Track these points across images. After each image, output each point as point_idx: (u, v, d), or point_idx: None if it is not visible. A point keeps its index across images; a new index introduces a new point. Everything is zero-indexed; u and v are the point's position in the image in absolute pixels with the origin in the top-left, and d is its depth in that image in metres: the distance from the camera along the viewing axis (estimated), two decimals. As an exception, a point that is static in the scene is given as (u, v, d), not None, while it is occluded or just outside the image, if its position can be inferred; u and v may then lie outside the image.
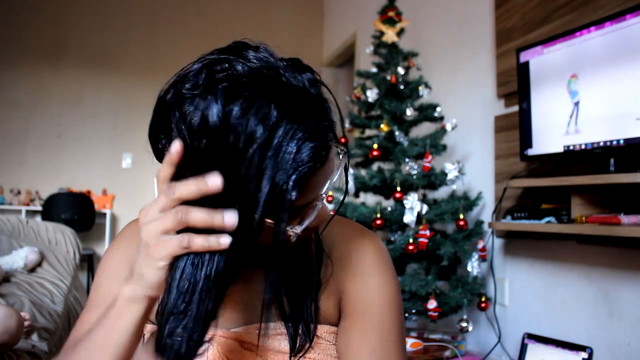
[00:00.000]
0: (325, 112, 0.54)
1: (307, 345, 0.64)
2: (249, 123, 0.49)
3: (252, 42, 0.56)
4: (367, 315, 0.67)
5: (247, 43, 0.55)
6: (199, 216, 0.50)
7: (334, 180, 0.57)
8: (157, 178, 0.52)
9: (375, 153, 2.19)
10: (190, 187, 0.50)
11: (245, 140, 0.48)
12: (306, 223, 0.56)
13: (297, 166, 0.50)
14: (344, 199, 0.65)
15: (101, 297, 0.68)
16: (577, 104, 1.68)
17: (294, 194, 0.50)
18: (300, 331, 0.64)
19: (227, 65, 0.52)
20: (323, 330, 0.67)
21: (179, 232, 0.51)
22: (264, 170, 0.49)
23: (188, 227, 0.51)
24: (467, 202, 2.13)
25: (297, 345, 0.64)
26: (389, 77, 2.27)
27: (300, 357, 0.65)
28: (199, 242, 0.50)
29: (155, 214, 0.51)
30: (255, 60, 0.52)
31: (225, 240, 0.51)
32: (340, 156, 0.57)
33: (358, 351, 0.66)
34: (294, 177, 0.49)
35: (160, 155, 0.55)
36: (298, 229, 0.56)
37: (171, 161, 0.51)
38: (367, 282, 0.68)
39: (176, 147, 0.50)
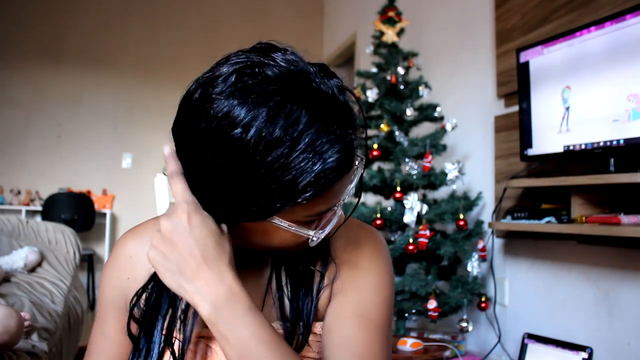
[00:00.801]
0: (352, 120, 0.54)
1: (304, 344, 0.63)
2: (277, 128, 0.49)
3: (279, 44, 0.56)
4: (349, 294, 0.65)
5: (274, 45, 0.55)
6: None
7: (352, 186, 0.57)
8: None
9: (375, 153, 2.19)
10: None
11: (272, 144, 0.49)
12: (328, 229, 0.58)
13: (324, 173, 0.50)
14: (357, 203, 0.67)
15: (102, 322, 0.71)
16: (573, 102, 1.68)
17: (316, 198, 0.51)
18: (299, 330, 0.63)
19: (257, 69, 0.51)
20: (320, 327, 0.66)
21: None
22: (287, 175, 0.49)
23: None
24: (467, 202, 2.13)
25: (296, 344, 0.63)
26: (389, 77, 2.27)
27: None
28: None
29: None
30: (284, 64, 0.52)
31: None
32: (357, 162, 0.57)
33: (330, 327, 0.63)
34: (319, 182, 0.50)
35: (181, 153, 0.55)
36: (320, 234, 0.57)
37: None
38: (355, 265, 0.67)
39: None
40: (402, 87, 2.29)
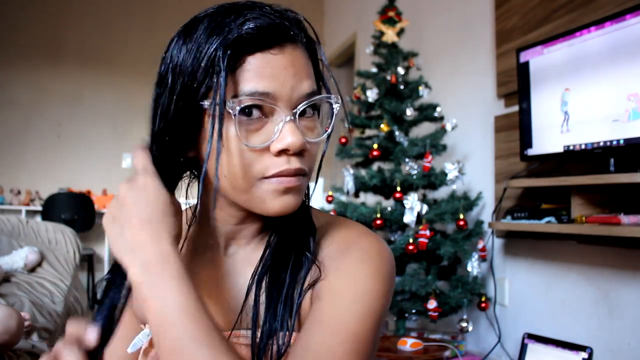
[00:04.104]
0: (286, 13, 0.60)
1: (277, 354, 0.56)
2: (207, 15, 0.57)
3: None
4: (324, 299, 0.55)
5: None
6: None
7: (306, 102, 0.57)
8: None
9: (375, 153, 2.19)
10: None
11: (199, 24, 0.56)
12: (275, 137, 0.54)
13: (236, 33, 0.53)
14: (327, 138, 0.61)
15: None
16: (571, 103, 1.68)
17: (220, 53, 0.53)
18: (274, 340, 0.56)
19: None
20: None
21: None
22: (209, 44, 0.54)
23: None
24: (467, 202, 2.13)
25: (267, 355, 0.56)
26: (389, 77, 2.27)
27: None
28: None
29: None
30: None
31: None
32: (334, 101, 0.61)
33: (295, 343, 0.55)
34: (228, 37, 0.53)
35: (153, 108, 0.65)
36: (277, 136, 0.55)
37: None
38: (338, 270, 0.57)
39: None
40: (402, 87, 2.29)
